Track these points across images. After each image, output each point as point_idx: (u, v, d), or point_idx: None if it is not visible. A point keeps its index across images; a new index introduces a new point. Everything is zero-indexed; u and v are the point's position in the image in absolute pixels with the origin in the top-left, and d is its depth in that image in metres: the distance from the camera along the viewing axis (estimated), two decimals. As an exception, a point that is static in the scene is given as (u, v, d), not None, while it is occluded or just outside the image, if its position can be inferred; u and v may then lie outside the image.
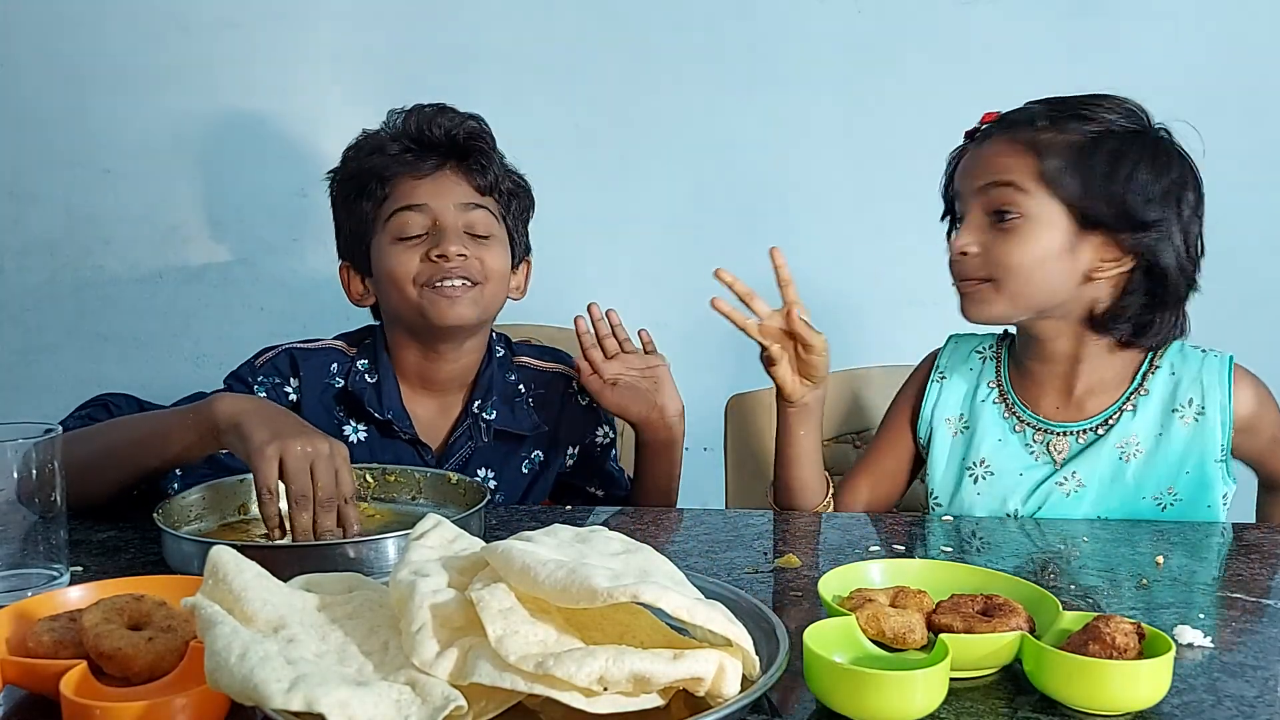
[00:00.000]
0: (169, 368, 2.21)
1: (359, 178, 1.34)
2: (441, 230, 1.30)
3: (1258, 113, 1.92)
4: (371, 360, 1.36)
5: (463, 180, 1.34)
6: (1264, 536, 1.15)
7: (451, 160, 1.33)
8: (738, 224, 2.06)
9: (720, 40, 2.01)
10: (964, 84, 1.97)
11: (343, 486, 1.01)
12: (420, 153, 1.32)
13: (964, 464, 1.30)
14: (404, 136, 1.33)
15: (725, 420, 1.72)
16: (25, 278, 2.21)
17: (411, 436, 1.34)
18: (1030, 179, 1.18)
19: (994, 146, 1.22)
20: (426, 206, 1.30)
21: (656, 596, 0.65)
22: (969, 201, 1.23)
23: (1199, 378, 1.24)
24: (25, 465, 0.90)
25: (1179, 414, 1.24)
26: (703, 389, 2.05)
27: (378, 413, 1.33)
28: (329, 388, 1.34)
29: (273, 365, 1.34)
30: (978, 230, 1.21)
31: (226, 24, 2.10)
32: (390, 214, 1.31)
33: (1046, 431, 1.27)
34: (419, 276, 1.29)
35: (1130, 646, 0.72)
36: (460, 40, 2.05)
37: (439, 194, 1.31)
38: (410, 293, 1.29)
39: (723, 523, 1.19)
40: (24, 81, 2.15)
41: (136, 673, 0.72)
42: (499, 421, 1.37)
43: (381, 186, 1.32)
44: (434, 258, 1.28)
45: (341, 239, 1.40)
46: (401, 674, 0.65)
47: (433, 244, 1.29)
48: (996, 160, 1.21)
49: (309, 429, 1.03)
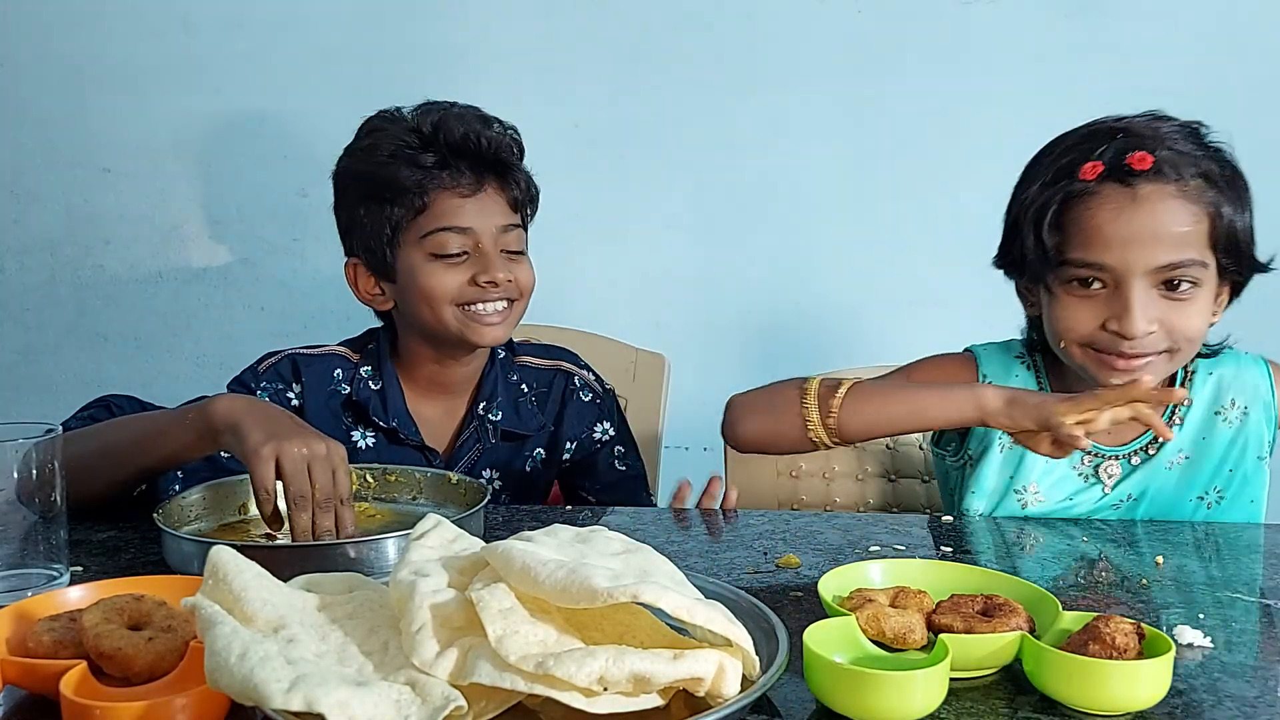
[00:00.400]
0: (169, 368, 2.21)
1: (383, 181, 1.28)
2: (485, 255, 1.28)
3: (1258, 113, 1.91)
4: (375, 367, 1.36)
5: (501, 198, 1.31)
6: (1264, 536, 1.15)
7: (491, 176, 1.30)
8: (737, 224, 2.06)
9: (720, 40, 2.01)
10: (964, 84, 1.97)
11: (339, 488, 1.01)
12: (460, 168, 1.28)
13: (1011, 485, 1.22)
14: (444, 147, 1.27)
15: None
16: (25, 277, 2.21)
17: (418, 442, 1.34)
18: (1207, 249, 1.08)
19: (1168, 217, 1.06)
20: (470, 229, 1.27)
21: (656, 596, 0.65)
22: (1130, 276, 1.07)
23: (1239, 378, 1.21)
24: (25, 465, 0.90)
25: (1221, 416, 1.21)
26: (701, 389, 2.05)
27: (383, 420, 1.32)
28: (335, 394, 1.34)
29: (275, 371, 1.33)
30: (1150, 306, 1.07)
31: (228, 24, 2.10)
32: (429, 231, 1.27)
33: (1096, 455, 1.21)
34: (460, 297, 1.28)
35: (1130, 646, 0.72)
36: (460, 40, 2.05)
37: (482, 214, 1.28)
38: (447, 312, 1.28)
39: (723, 523, 1.19)
40: (24, 81, 2.15)
41: (136, 673, 0.72)
42: (505, 423, 1.37)
43: (418, 198, 1.27)
44: (481, 282, 1.27)
45: (354, 237, 1.34)
46: (401, 674, 0.65)
47: (477, 267, 1.27)
48: (1174, 232, 1.06)
49: (305, 430, 1.03)
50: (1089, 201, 1.08)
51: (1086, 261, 1.09)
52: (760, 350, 1.90)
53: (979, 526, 1.20)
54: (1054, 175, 1.12)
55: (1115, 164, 1.07)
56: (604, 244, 2.08)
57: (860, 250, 2.06)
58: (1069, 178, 1.10)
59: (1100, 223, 1.08)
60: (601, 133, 2.05)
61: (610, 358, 1.77)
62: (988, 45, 1.99)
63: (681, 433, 2.05)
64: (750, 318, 2.07)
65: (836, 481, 1.62)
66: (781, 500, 1.58)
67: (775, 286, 2.07)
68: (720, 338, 2.07)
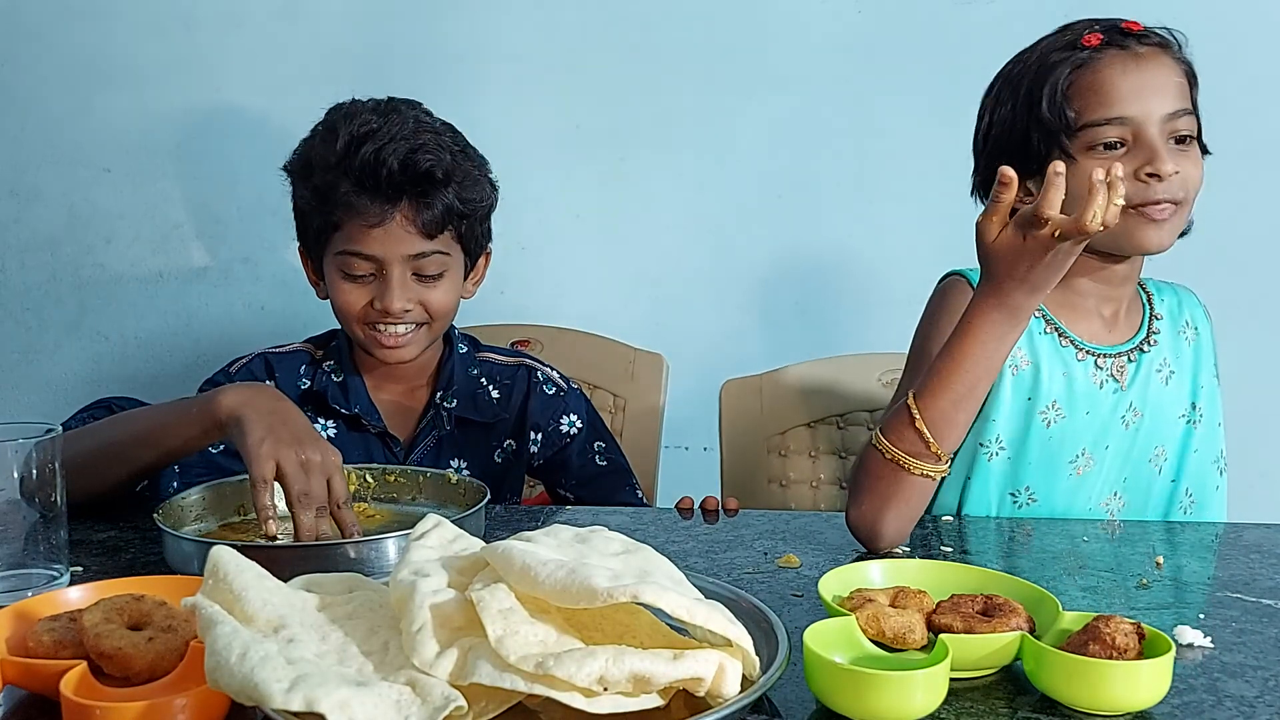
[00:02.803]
0: (169, 368, 2.21)
1: (312, 190, 1.32)
2: (387, 282, 1.30)
3: (1258, 112, 1.91)
4: (337, 360, 1.40)
5: (413, 224, 1.29)
6: (1264, 536, 1.15)
7: (403, 200, 1.29)
8: (737, 224, 2.05)
9: (720, 40, 2.01)
10: (964, 84, 1.97)
11: (335, 493, 1.03)
12: (371, 195, 1.27)
13: (1032, 405, 1.23)
14: (356, 171, 1.27)
15: (720, 406, 1.70)
16: (26, 277, 2.21)
17: (380, 429, 1.37)
18: (1192, 106, 1.19)
19: (1166, 70, 1.17)
20: (374, 256, 1.30)
21: (656, 596, 0.65)
22: (1149, 124, 1.14)
23: (1183, 301, 1.33)
24: (26, 465, 0.91)
25: (1183, 335, 1.30)
26: (701, 389, 2.05)
27: (344, 408, 1.36)
28: (298, 388, 1.38)
29: (248, 370, 1.38)
30: (1172, 152, 1.15)
31: (229, 22, 2.10)
32: (339, 250, 1.31)
33: (1105, 356, 1.25)
34: (364, 317, 1.33)
35: (1130, 646, 0.72)
36: (460, 40, 2.05)
37: (387, 243, 1.29)
38: (355, 328, 1.34)
39: (723, 523, 1.19)
40: (25, 79, 2.15)
41: (136, 673, 0.72)
42: (459, 410, 1.40)
43: (332, 216, 1.30)
44: (376, 308, 1.31)
45: (298, 228, 1.41)
46: (401, 674, 0.65)
47: (378, 292, 1.30)
48: (1175, 84, 1.16)
49: (303, 436, 1.04)
50: (1095, 66, 1.17)
51: (1109, 118, 1.15)
52: (760, 350, 1.89)
53: (979, 526, 1.20)
54: (1051, 56, 1.20)
55: (1112, 31, 1.18)
56: (604, 244, 2.08)
57: (860, 250, 2.05)
58: (1071, 50, 1.19)
59: (1113, 81, 1.16)
60: (601, 133, 2.05)
61: (610, 358, 1.78)
62: (988, 45, 1.98)
63: (681, 433, 2.05)
64: (750, 318, 2.07)
65: (822, 489, 1.64)
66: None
67: (775, 286, 2.07)
68: (720, 338, 2.07)
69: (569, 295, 2.06)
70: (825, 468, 1.64)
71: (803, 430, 1.65)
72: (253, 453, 1.00)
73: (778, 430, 1.65)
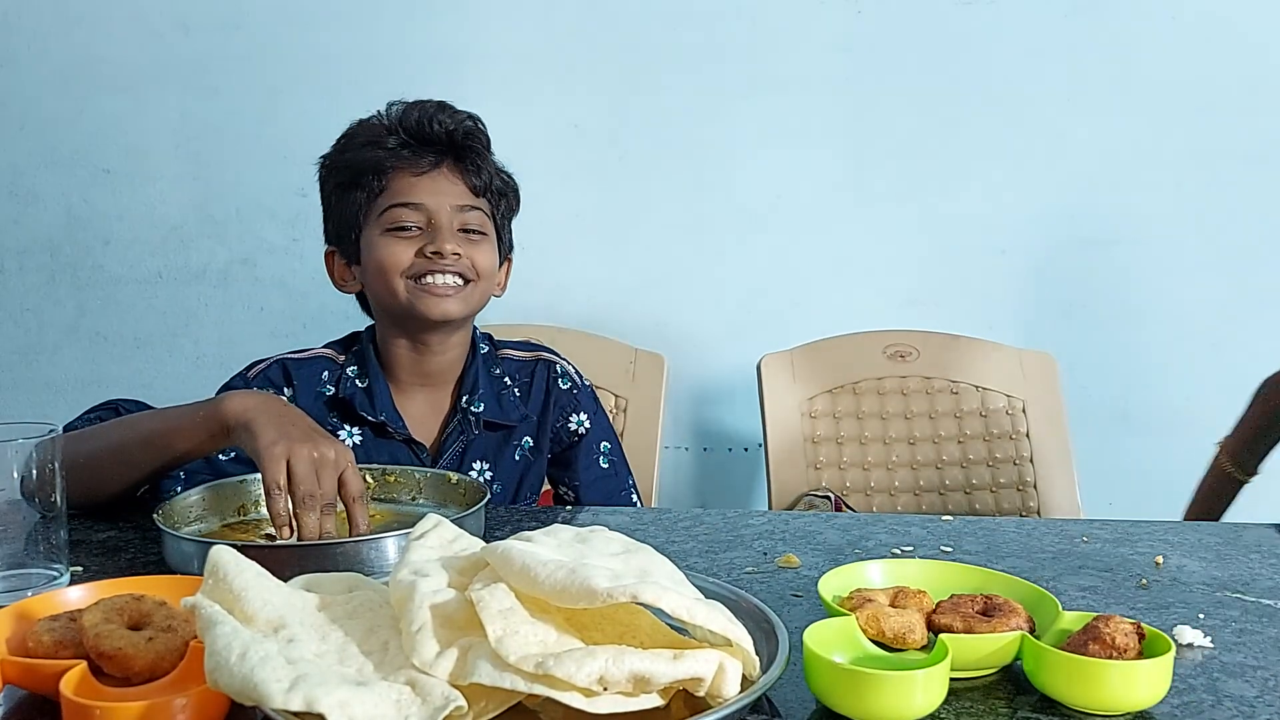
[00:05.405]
0: (169, 368, 2.21)
1: (353, 167, 1.34)
2: (437, 228, 1.31)
3: (1258, 112, 1.92)
4: (360, 365, 1.38)
5: (459, 180, 1.35)
6: (1264, 536, 1.15)
7: (449, 159, 1.35)
8: (737, 224, 2.06)
9: (720, 41, 2.01)
10: (964, 84, 1.97)
11: (349, 488, 1.02)
12: (418, 149, 1.33)
13: None
14: (402, 130, 1.33)
15: (759, 378, 1.77)
16: (25, 277, 2.21)
17: (405, 436, 1.35)
18: None
19: None
20: (423, 205, 1.32)
21: (656, 596, 0.65)
22: None
23: None
24: (26, 465, 0.90)
25: None
26: (701, 389, 2.06)
27: (370, 415, 1.34)
28: (321, 395, 1.36)
29: (265, 376, 1.36)
30: None
31: (227, 24, 2.10)
32: (385, 208, 1.32)
33: None
34: (410, 270, 1.31)
35: (1130, 646, 0.72)
36: (460, 40, 2.06)
37: (436, 192, 1.32)
38: (398, 285, 1.31)
39: (723, 523, 1.19)
40: (25, 81, 2.15)
41: (136, 673, 0.72)
42: (487, 413, 1.39)
43: (378, 179, 1.33)
44: (429, 254, 1.30)
45: (330, 225, 1.41)
46: (401, 674, 0.64)
47: (427, 240, 1.31)
48: None
49: (315, 434, 1.04)
50: None
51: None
52: (760, 350, 1.89)
53: (979, 526, 1.20)
54: None
55: None
56: (604, 244, 2.08)
57: (860, 250, 2.06)
58: None
59: None
60: (601, 133, 2.05)
61: (610, 358, 1.78)
62: (988, 45, 1.99)
63: (681, 433, 2.05)
64: (750, 317, 2.07)
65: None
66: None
67: (775, 286, 2.07)
68: (720, 338, 2.07)
69: (569, 295, 2.06)
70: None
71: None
72: (265, 454, 0.99)
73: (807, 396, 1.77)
